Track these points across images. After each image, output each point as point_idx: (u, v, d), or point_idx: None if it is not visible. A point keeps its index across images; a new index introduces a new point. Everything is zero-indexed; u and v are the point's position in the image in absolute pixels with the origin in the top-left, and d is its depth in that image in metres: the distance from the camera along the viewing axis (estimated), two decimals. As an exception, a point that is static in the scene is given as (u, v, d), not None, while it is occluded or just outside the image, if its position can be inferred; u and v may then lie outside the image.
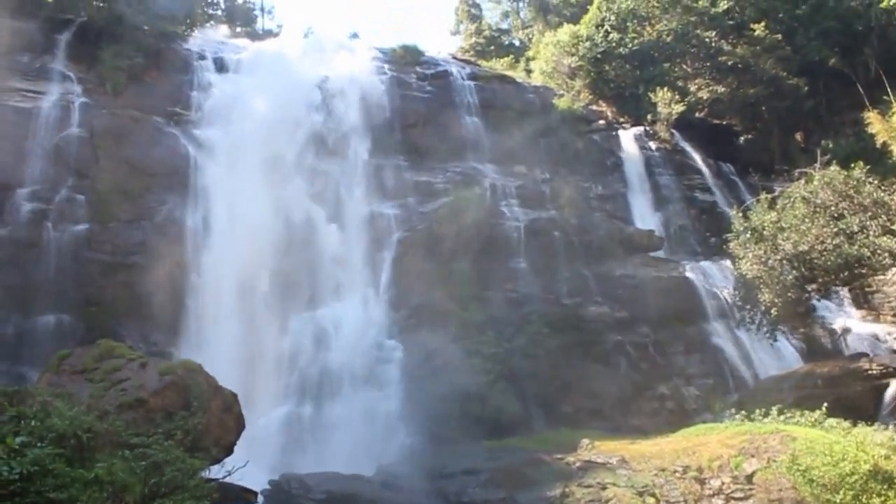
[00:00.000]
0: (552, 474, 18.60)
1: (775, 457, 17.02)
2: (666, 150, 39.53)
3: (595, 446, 20.50)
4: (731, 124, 42.42)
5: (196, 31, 36.75)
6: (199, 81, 32.13)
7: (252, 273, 26.66)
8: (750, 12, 41.41)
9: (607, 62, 42.82)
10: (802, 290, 24.89)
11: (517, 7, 66.02)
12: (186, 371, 15.46)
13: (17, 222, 25.06)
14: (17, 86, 28.15)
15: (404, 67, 38.10)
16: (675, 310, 30.05)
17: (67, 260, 24.93)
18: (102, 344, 16.37)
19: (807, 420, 19.65)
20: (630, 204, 36.88)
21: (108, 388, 14.56)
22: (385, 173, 32.25)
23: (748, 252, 25.22)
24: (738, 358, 29.17)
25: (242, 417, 16.36)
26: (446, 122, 35.51)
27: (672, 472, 17.92)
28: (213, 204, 27.73)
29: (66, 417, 10.63)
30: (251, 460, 14.81)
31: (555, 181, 35.19)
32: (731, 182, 39.31)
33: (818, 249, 23.57)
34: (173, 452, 11.68)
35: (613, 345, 28.47)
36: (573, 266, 30.88)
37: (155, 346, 23.93)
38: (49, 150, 26.99)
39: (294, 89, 32.50)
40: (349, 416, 24.53)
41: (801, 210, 24.64)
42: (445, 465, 20.08)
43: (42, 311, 23.93)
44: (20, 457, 8.93)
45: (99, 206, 26.46)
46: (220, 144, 29.53)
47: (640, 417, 26.25)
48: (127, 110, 29.20)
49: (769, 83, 40.02)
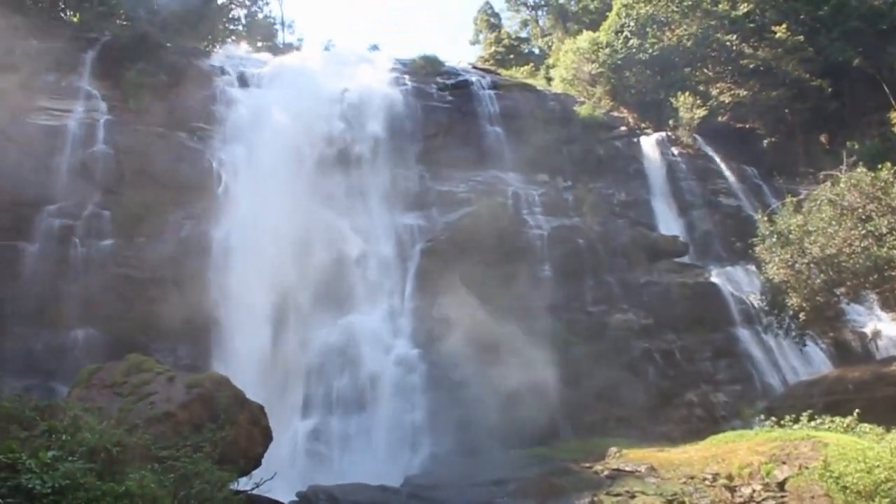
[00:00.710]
0: (580, 483, 18.43)
1: (807, 463, 16.74)
2: (689, 155, 39.29)
3: (623, 454, 20.30)
4: (755, 128, 42.14)
5: (218, 46, 37.20)
6: (221, 96, 32.41)
7: (277, 286, 26.77)
8: (771, 14, 41.20)
9: (628, 68, 42.73)
10: (831, 293, 24.57)
11: (536, 15, 66.20)
12: (213, 384, 15.51)
13: (45, 238, 25.48)
14: (44, 104, 28.66)
15: (425, 78, 38.23)
16: (701, 316, 29.84)
17: (95, 275, 25.25)
18: (131, 358, 16.47)
19: (838, 426, 19.35)
20: (654, 210, 36.68)
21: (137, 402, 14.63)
22: (408, 184, 32.34)
23: (774, 256, 24.97)
24: (766, 363, 28.88)
25: (270, 429, 16.38)
26: (467, 131, 35.55)
27: (702, 480, 17.69)
28: (237, 218, 27.90)
29: (97, 431, 10.69)
30: (278, 472, 14.82)
31: (577, 188, 35.11)
32: (756, 186, 38.97)
33: (846, 252, 23.28)
34: (202, 465, 11.71)
35: (640, 352, 28.31)
36: (597, 273, 30.76)
37: (182, 360, 24.12)
38: (75, 167, 27.45)
39: (316, 102, 32.71)
40: (375, 427, 24.57)
41: (827, 213, 24.35)
42: (473, 476, 19.99)
43: (71, 326, 24.26)
44: (52, 471, 9.00)
45: (125, 221, 26.78)
46: (243, 158, 29.79)
47: (668, 425, 26.05)
48: (151, 127, 29.55)
49: (792, 85, 39.76)
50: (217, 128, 30.94)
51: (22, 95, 27.88)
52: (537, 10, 66.02)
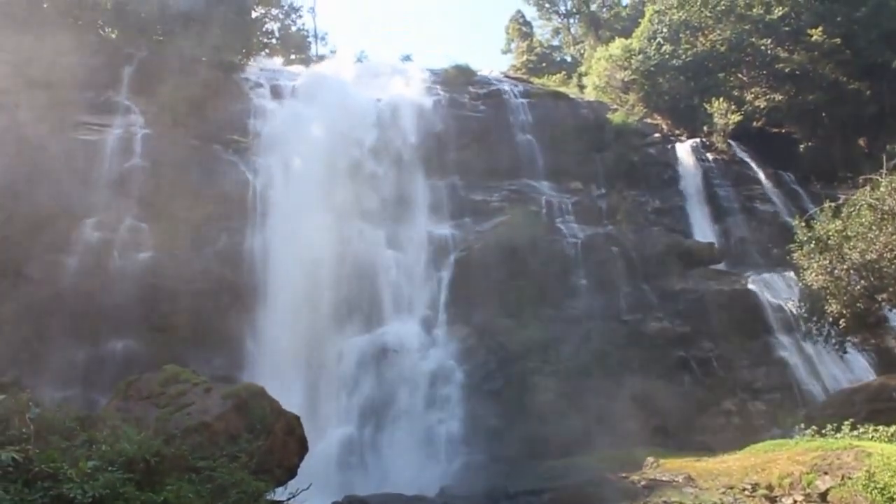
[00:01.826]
0: (617, 493, 18.27)
1: (850, 474, 16.40)
2: (723, 160, 38.87)
3: (660, 464, 20.11)
4: (791, 132, 41.55)
5: (252, 60, 37.58)
6: (256, 109, 32.79)
7: (313, 296, 26.96)
8: (806, 17, 40.63)
9: (661, 74, 42.39)
10: (872, 300, 24.07)
11: (568, 23, 66.05)
12: (249, 394, 15.61)
13: (84, 251, 25.86)
14: (83, 120, 29.24)
15: (457, 88, 38.36)
16: (738, 323, 29.40)
17: (133, 287, 25.55)
18: (168, 369, 16.63)
19: (882, 435, 18.94)
20: (688, 217, 36.31)
21: (174, 413, 14.76)
22: (441, 193, 32.43)
23: (813, 262, 24.55)
24: (805, 371, 28.36)
25: (305, 440, 16.44)
26: (500, 140, 35.56)
27: (741, 490, 17.45)
28: (273, 229, 28.20)
29: (135, 442, 10.82)
30: (314, 482, 14.87)
31: (611, 196, 34.95)
32: (793, 191, 38.39)
33: (887, 258, 22.82)
34: (238, 475, 11.78)
35: (676, 360, 28.02)
36: (632, 281, 30.52)
37: (218, 371, 24.25)
38: (114, 181, 27.91)
39: (349, 113, 32.96)
40: (410, 437, 24.57)
41: (867, 217, 23.89)
42: (508, 486, 19.89)
43: (110, 338, 24.57)
44: (92, 480, 9.15)
45: (162, 234, 27.12)
46: (277, 170, 30.12)
47: (706, 434, 25.68)
48: (187, 140, 30.02)
49: (829, 89, 39.17)
50: (252, 140, 31.31)
51: (61, 111, 28.45)
52: (569, 17, 65.88)
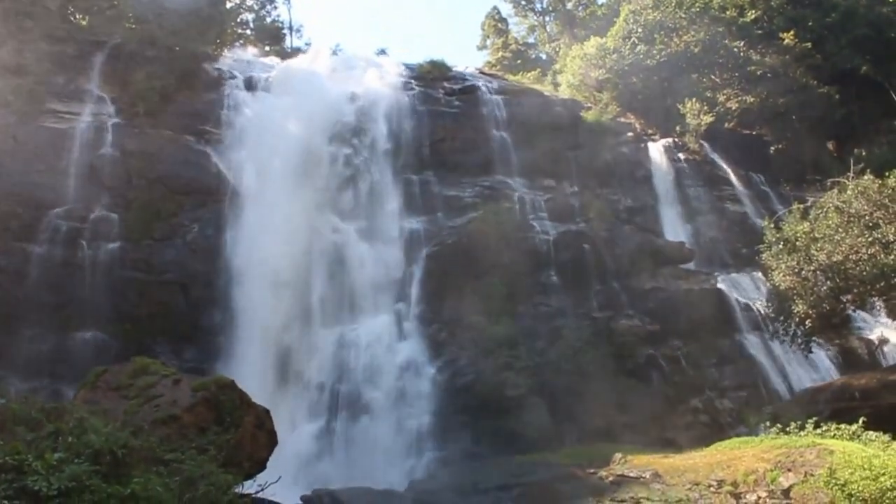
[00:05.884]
0: (585, 489, 18.44)
1: (812, 471, 16.68)
2: (695, 161, 39.24)
3: (628, 460, 20.27)
4: (762, 134, 42.06)
5: (226, 50, 37.26)
6: (229, 100, 32.50)
7: (284, 290, 26.84)
8: (779, 21, 41.18)
9: (635, 74, 42.68)
10: (837, 301, 24.49)
11: (544, 21, 66.19)
12: (219, 387, 15.50)
13: (53, 241, 25.58)
14: (52, 107, 28.80)
15: (432, 83, 38.21)
16: (707, 322, 29.75)
17: (102, 278, 25.35)
18: (137, 361, 16.49)
19: (844, 433, 19.24)
20: (660, 216, 36.60)
21: (143, 405, 14.63)
22: (414, 188, 32.32)
23: (781, 263, 24.90)
24: (772, 370, 28.81)
25: (275, 433, 16.38)
26: (474, 136, 35.51)
27: (706, 487, 17.65)
28: (244, 221, 28.00)
29: (102, 434, 10.70)
30: (283, 476, 14.84)
31: (584, 194, 35.09)
32: (763, 193, 38.91)
33: (853, 260, 23.20)
34: (207, 468, 11.69)
35: (645, 358, 28.25)
36: (604, 279, 30.72)
37: (188, 363, 24.16)
38: (84, 170, 27.56)
39: (323, 106, 32.74)
40: (380, 432, 24.57)
41: (834, 220, 24.27)
42: (478, 481, 19.99)
43: (78, 329, 24.36)
44: (58, 473, 9.03)
45: (132, 224, 26.91)
46: (250, 162, 29.85)
47: (674, 431, 25.95)
48: (159, 130, 29.68)
49: (799, 92, 39.69)
50: (225, 131, 31.01)
51: (30, 98, 28.05)
52: (545, 15, 66.03)
